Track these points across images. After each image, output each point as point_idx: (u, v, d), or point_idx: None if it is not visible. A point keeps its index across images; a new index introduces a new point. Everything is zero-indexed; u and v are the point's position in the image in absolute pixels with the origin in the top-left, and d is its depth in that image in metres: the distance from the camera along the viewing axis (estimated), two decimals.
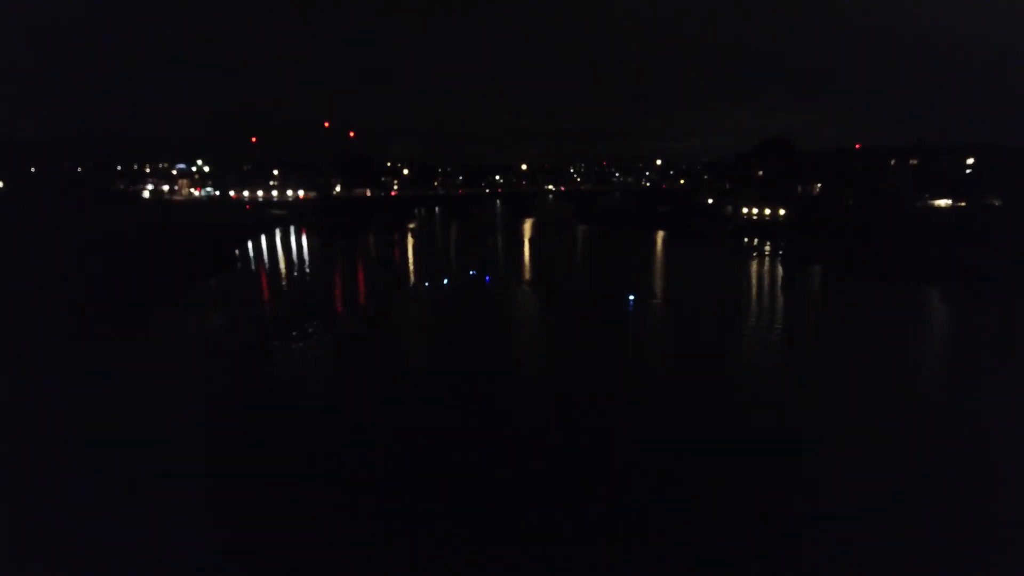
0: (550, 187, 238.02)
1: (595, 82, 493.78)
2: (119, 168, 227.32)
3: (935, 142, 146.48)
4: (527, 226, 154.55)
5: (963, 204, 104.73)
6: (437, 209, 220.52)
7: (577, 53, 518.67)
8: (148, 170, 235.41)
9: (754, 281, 77.84)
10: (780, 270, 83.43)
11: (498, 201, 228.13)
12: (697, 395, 38.24)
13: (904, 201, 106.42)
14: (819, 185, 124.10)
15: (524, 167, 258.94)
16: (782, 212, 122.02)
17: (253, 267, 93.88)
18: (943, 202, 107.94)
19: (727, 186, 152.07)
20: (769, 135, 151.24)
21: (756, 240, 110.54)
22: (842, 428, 33.15)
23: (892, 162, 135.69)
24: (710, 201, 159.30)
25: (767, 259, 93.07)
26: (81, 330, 55.00)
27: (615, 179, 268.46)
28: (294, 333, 53.55)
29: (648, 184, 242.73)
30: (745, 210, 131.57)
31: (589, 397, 38.23)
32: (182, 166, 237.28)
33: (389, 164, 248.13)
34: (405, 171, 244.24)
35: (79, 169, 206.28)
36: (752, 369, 43.78)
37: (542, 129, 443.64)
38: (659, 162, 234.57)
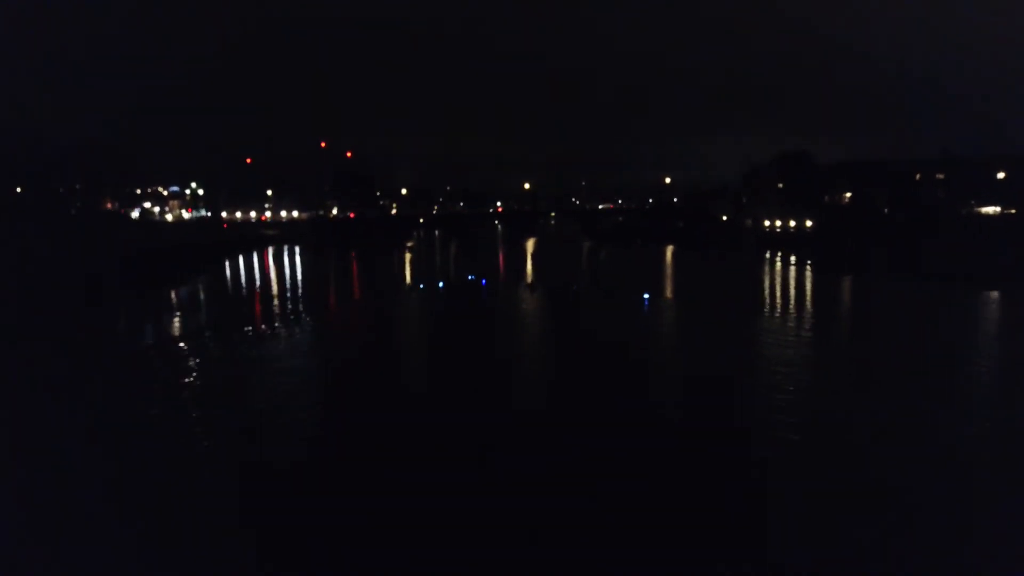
0: (552, 213, 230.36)
1: (594, 113, 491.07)
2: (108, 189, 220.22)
3: (957, 155, 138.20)
4: (530, 243, 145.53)
5: (1013, 211, 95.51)
6: (437, 232, 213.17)
7: (577, 84, 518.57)
8: (139, 192, 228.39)
9: (802, 289, 67.44)
10: (817, 275, 73.66)
11: (498, 223, 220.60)
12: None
13: (948, 208, 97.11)
14: (848, 194, 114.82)
15: (527, 186, 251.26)
16: (808, 223, 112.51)
17: (227, 276, 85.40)
18: (991, 209, 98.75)
19: (743, 200, 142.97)
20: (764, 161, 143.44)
21: (780, 251, 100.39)
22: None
23: (917, 176, 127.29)
24: (724, 218, 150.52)
25: (800, 267, 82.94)
26: None
27: (618, 204, 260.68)
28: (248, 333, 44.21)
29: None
30: (767, 222, 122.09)
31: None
32: (175, 188, 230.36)
33: (388, 187, 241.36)
34: (403, 191, 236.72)
35: (60, 191, 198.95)
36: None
37: (543, 159, 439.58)
38: (668, 180, 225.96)
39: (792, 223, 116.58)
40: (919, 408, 27.47)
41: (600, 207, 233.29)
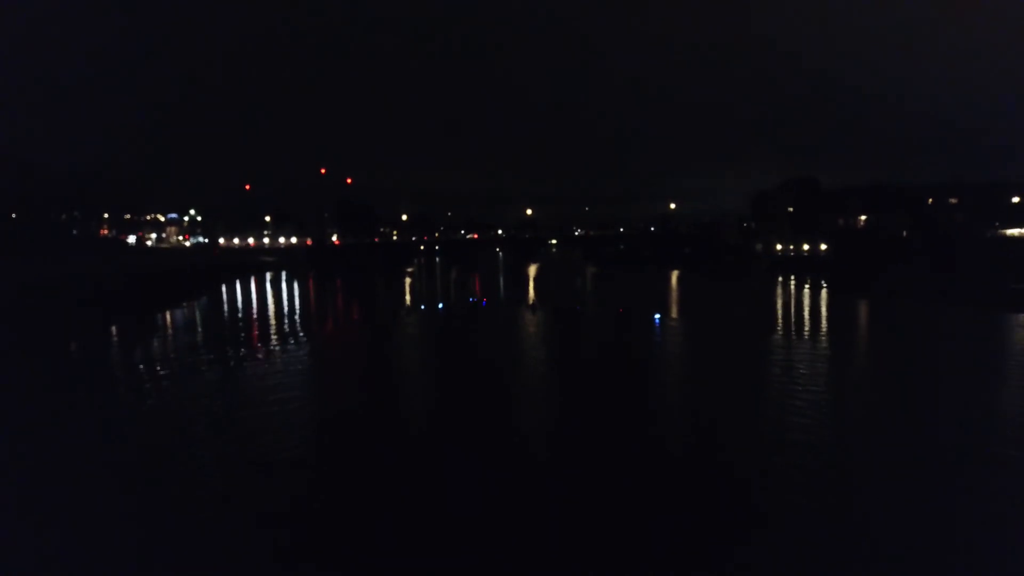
0: (553, 240, 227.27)
1: (594, 147, 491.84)
2: (106, 216, 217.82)
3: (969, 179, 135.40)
4: (532, 269, 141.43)
5: None
6: (437, 259, 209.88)
7: (578, 118, 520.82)
8: (133, 218, 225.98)
9: (839, 313, 62.37)
10: (847, 300, 69.10)
11: (499, 249, 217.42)
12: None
13: (972, 230, 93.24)
14: (863, 218, 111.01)
15: (529, 212, 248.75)
16: (823, 247, 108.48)
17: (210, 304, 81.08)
18: (1017, 231, 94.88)
19: (752, 225, 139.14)
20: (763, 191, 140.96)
21: (798, 275, 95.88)
22: None
23: (929, 200, 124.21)
24: (729, 244, 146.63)
25: (826, 292, 78.17)
26: None
27: (619, 232, 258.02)
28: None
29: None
30: (779, 247, 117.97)
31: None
32: (174, 215, 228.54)
33: (389, 215, 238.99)
34: (404, 217, 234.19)
35: (63, 216, 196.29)
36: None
37: (543, 191, 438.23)
38: (673, 206, 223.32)
39: (806, 247, 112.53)
40: None
41: (593, 233, 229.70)
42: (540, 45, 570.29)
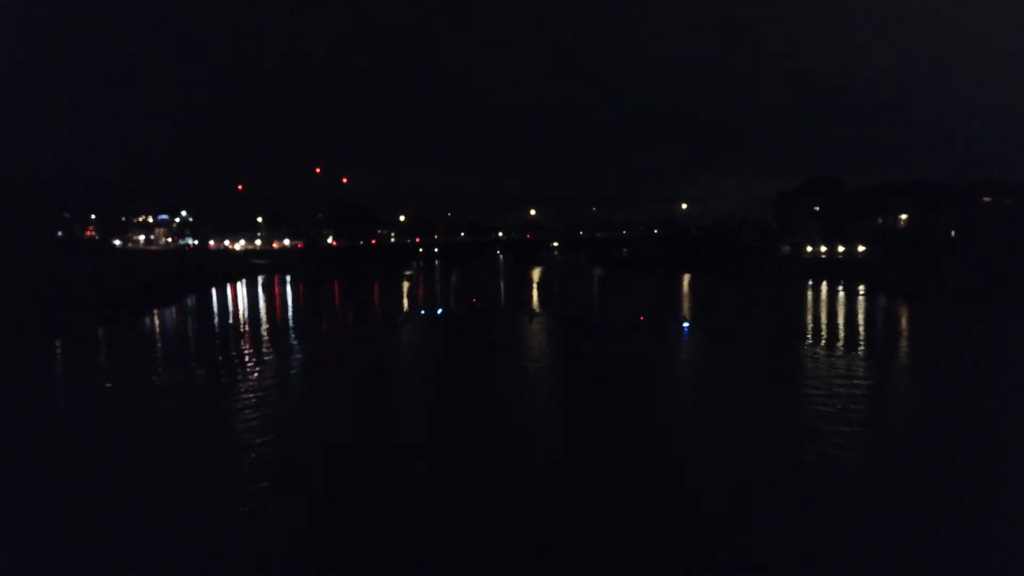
0: (555, 243, 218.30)
1: (595, 150, 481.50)
2: (93, 217, 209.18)
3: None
4: (536, 273, 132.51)
5: None
6: (437, 262, 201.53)
7: (578, 121, 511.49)
8: (124, 219, 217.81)
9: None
10: (926, 311, 60.07)
11: (499, 252, 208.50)
12: None
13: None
14: (903, 217, 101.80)
15: (532, 212, 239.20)
16: (860, 248, 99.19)
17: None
18: None
19: (774, 226, 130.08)
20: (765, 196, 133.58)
21: (839, 280, 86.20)
22: None
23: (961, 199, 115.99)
24: (747, 246, 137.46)
25: (896, 301, 68.11)
26: None
27: (622, 235, 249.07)
28: None
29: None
30: (808, 248, 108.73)
31: None
32: (164, 217, 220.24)
33: (388, 217, 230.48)
34: (402, 218, 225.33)
35: (46, 219, 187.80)
36: None
37: (546, 195, 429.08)
38: (684, 206, 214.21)
39: (841, 248, 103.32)
40: None
41: (597, 235, 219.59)
42: (542, 45, 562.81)
